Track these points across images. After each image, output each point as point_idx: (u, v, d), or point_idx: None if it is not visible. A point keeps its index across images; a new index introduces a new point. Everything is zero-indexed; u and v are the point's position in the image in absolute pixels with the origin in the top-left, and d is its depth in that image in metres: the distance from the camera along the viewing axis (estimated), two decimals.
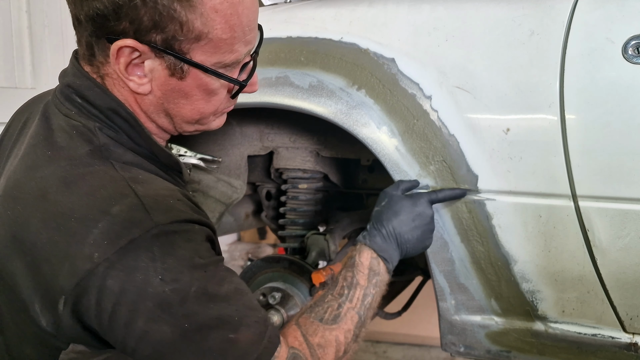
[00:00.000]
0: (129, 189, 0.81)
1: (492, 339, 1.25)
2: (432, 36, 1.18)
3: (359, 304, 1.01)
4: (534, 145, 1.10)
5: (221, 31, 0.83)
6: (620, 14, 1.06)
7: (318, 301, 1.00)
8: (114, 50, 0.82)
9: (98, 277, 0.76)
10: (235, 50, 0.87)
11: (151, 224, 0.78)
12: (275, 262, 1.51)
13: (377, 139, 1.20)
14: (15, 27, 2.31)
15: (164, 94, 0.88)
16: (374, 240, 1.08)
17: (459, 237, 1.19)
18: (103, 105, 0.87)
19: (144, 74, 0.85)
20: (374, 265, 1.06)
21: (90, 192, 0.80)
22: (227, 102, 0.95)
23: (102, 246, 0.76)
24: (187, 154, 1.46)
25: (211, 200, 1.61)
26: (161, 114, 0.91)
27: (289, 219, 1.63)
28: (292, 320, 0.97)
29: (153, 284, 0.76)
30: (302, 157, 1.57)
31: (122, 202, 0.79)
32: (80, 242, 0.77)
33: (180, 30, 0.81)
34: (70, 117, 0.88)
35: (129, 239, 0.77)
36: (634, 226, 1.07)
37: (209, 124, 0.96)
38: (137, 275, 0.76)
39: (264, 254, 4.13)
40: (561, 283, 1.15)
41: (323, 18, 1.29)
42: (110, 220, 0.77)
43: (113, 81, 0.88)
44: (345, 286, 1.02)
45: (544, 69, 1.09)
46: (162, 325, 0.77)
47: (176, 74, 0.85)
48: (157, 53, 0.83)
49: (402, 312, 1.80)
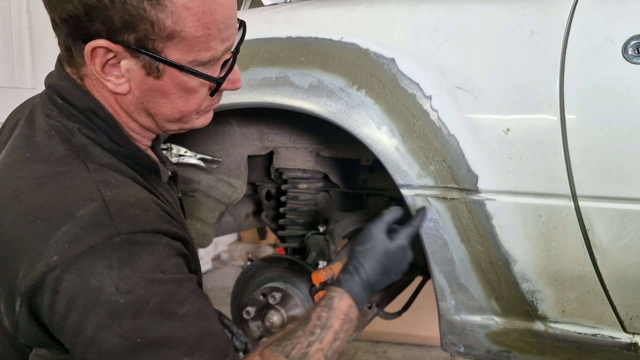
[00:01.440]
0: (97, 193, 0.80)
1: (492, 339, 1.25)
2: (432, 36, 1.18)
3: (328, 347, 0.96)
4: (534, 145, 1.10)
5: (194, 29, 0.82)
6: (620, 14, 1.06)
7: (287, 335, 0.95)
8: (88, 51, 0.82)
9: (54, 279, 0.75)
10: (211, 48, 0.86)
11: (113, 231, 0.77)
12: (275, 262, 1.51)
13: (377, 139, 1.20)
14: (15, 27, 2.31)
15: (142, 93, 0.87)
16: (355, 289, 1.06)
17: (459, 237, 1.19)
18: (82, 106, 0.88)
19: (121, 74, 0.85)
20: (351, 313, 1.03)
21: (60, 193, 0.80)
22: (210, 100, 0.94)
23: (62, 249, 0.75)
24: (187, 154, 1.46)
25: (211, 200, 1.61)
26: (142, 113, 0.91)
27: (289, 219, 1.63)
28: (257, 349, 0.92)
29: (106, 292, 0.75)
30: (302, 157, 1.57)
31: (88, 206, 0.78)
32: (42, 242, 0.77)
33: (151, 30, 0.81)
34: (51, 117, 0.89)
35: (89, 244, 0.76)
36: (634, 226, 1.07)
37: (192, 122, 0.95)
38: (92, 281, 0.75)
39: (264, 254, 4.13)
40: (561, 283, 1.15)
41: (323, 18, 1.29)
42: (74, 224, 0.77)
43: (92, 82, 0.88)
44: (318, 325, 0.97)
45: (544, 69, 1.09)
46: (110, 334, 0.76)
47: (152, 73, 0.85)
48: (132, 53, 0.83)
49: (402, 312, 1.80)
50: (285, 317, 1.42)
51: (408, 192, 1.20)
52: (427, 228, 1.20)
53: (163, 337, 0.78)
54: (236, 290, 1.55)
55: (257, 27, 1.35)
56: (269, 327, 1.42)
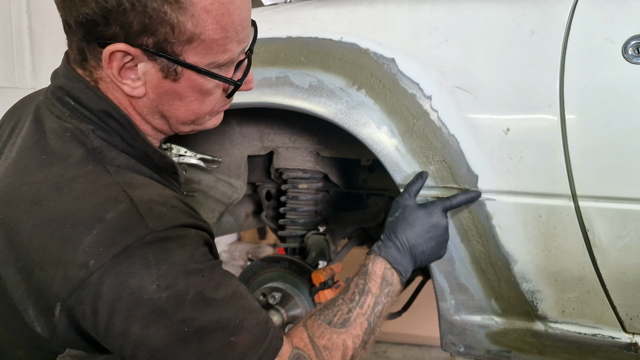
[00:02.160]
0: (123, 194, 0.80)
1: (492, 339, 1.25)
2: (432, 36, 1.18)
3: (369, 311, 1.00)
4: (534, 145, 1.10)
5: (213, 32, 0.82)
6: (620, 14, 1.06)
7: (328, 304, 1.00)
8: (106, 55, 0.81)
9: (93, 284, 0.75)
10: (229, 50, 0.86)
11: (146, 230, 0.77)
12: (275, 262, 1.51)
13: (377, 139, 1.20)
14: (15, 27, 2.31)
15: (158, 96, 0.87)
16: (389, 252, 1.08)
17: (459, 237, 1.19)
18: (96, 108, 0.87)
19: (138, 77, 0.85)
20: (388, 276, 1.06)
21: (84, 198, 0.79)
22: (223, 101, 0.95)
23: (97, 253, 0.75)
24: (187, 154, 1.46)
25: (211, 200, 1.61)
26: (156, 116, 0.91)
27: (289, 219, 1.63)
28: (300, 321, 0.97)
29: (148, 290, 0.76)
30: (302, 157, 1.57)
31: (116, 208, 0.78)
32: (74, 248, 0.76)
33: (171, 33, 0.80)
34: (63, 119, 0.88)
35: (124, 246, 0.76)
36: (634, 226, 1.07)
37: (205, 123, 0.96)
38: (132, 282, 0.76)
39: (264, 254, 4.13)
40: (561, 283, 1.15)
41: (323, 18, 1.29)
42: (105, 227, 0.77)
43: (107, 85, 0.87)
44: (357, 292, 1.01)
45: (544, 69, 1.09)
46: (159, 330, 0.77)
47: (170, 76, 0.85)
48: (150, 56, 0.82)
49: (402, 312, 1.80)
50: (285, 317, 1.42)
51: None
52: None
53: (209, 322, 0.80)
54: None
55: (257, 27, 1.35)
56: None
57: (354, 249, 1.78)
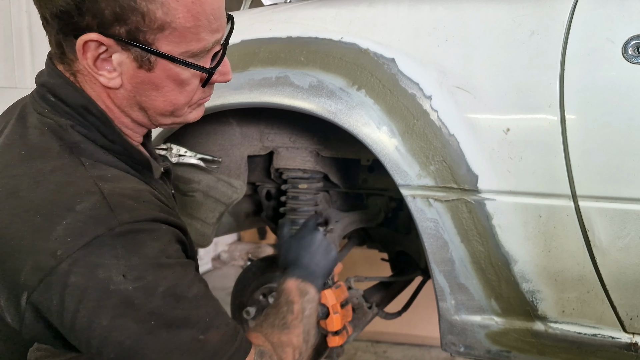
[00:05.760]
0: (95, 187, 0.81)
1: (492, 339, 1.25)
2: (432, 36, 1.18)
3: (300, 315, 1.10)
4: (534, 145, 1.10)
5: (184, 20, 0.83)
6: (620, 14, 1.06)
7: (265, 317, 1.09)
8: (80, 46, 0.83)
9: (61, 273, 0.76)
10: (202, 39, 0.87)
11: (115, 222, 0.78)
12: (276, 262, 1.51)
13: (377, 139, 1.20)
14: (15, 27, 2.31)
15: (135, 86, 0.88)
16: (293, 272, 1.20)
17: (459, 237, 1.19)
18: (74, 103, 0.88)
19: (113, 67, 0.86)
20: (301, 287, 1.16)
21: (57, 189, 0.81)
22: (202, 92, 0.95)
23: (66, 243, 0.76)
24: (187, 154, 1.46)
25: (211, 200, 1.61)
26: (135, 108, 0.92)
27: (288, 219, 1.63)
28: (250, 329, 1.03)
29: (116, 281, 0.76)
30: (302, 157, 1.57)
31: (88, 200, 0.79)
32: (44, 237, 0.77)
33: (142, 21, 0.81)
34: (43, 115, 0.89)
35: (93, 235, 0.77)
36: (634, 226, 1.07)
37: (185, 116, 0.96)
38: (100, 273, 0.76)
39: (264, 254, 4.13)
40: (561, 283, 1.15)
41: (323, 18, 1.29)
42: (75, 217, 0.78)
43: (84, 77, 0.89)
44: (283, 303, 1.11)
45: (544, 69, 1.09)
46: (127, 321, 0.77)
47: (144, 65, 0.85)
48: (123, 46, 0.83)
49: (402, 312, 1.80)
50: None
51: (408, 192, 1.20)
52: (427, 228, 1.20)
53: (178, 317, 0.80)
54: (236, 290, 1.56)
55: (257, 27, 1.35)
56: None
57: (354, 249, 1.78)
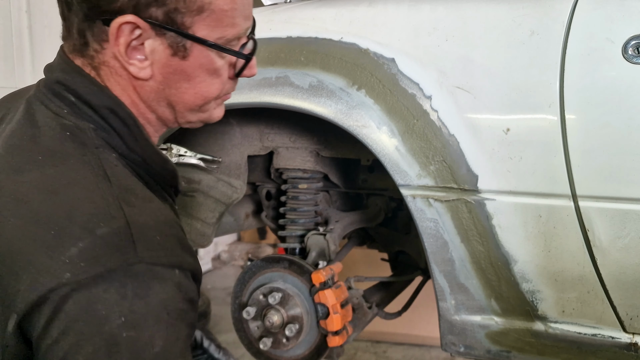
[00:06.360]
0: (120, 211, 0.73)
1: (492, 339, 1.25)
2: (432, 36, 1.18)
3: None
4: (534, 145, 1.10)
5: (223, 2, 0.81)
6: (620, 14, 1.06)
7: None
8: (114, 29, 0.77)
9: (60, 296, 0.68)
10: (237, 25, 0.84)
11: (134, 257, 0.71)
12: (275, 262, 1.51)
13: (377, 139, 1.20)
14: (15, 27, 2.32)
15: (165, 77, 0.84)
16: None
17: (459, 237, 1.19)
18: (99, 104, 0.82)
19: (145, 56, 0.81)
20: None
21: (75, 204, 0.73)
22: (230, 84, 0.92)
23: (77, 267, 0.69)
24: (187, 154, 1.46)
25: (211, 200, 1.61)
26: (162, 103, 0.87)
27: (288, 219, 1.63)
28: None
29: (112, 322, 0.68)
30: (302, 157, 1.57)
31: (109, 225, 0.72)
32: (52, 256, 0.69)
33: (182, 2, 0.78)
34: (60, 115, 0.82)
35: (108, 267, 0.70)
36: (634, 226, 1.07)
37: (211, 111, 0.92)
38: (99, 308, 0.68)
39: (264, 254, 4.13)
40: (561, 283, 1.15)
41: (323, 18, 1.29)
42: (93, 242, 0.70)
43: (109, 70, 0.83)
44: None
45: (544, 69, 1.09)
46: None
47: (179, 52, 0.82)
48: (158, 31, 0.79)
49: (402, 312, 1.80)
50: (285, 317, 1.42)
51: (408, 192, 1.20)
52: (427, 228, 1.20)
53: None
54: (236, 290, 1.55)
55: (257, 27, 1.35)
56: (269, 327, 1.42)
57: (354, 249, 1.78)
